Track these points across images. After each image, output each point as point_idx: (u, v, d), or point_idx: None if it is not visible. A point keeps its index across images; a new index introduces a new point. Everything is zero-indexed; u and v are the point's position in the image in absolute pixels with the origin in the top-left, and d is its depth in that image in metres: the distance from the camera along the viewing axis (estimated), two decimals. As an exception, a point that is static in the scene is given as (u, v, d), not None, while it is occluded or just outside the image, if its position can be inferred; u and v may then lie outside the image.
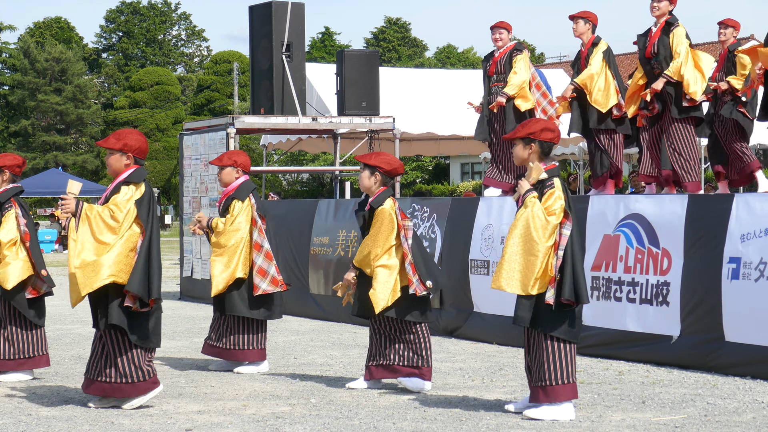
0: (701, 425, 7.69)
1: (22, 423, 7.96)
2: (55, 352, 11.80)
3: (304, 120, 17.88)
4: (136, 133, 8.56)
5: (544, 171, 7.97)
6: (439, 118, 21.45)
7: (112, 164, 8.47)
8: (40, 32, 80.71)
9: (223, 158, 10.53)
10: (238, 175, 10.48)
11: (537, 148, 8.04)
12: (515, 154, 8.17)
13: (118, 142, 8.45)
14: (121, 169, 8.44)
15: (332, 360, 11.21)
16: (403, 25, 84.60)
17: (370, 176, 9.22)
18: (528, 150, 8.06)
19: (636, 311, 10.78)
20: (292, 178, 57.20)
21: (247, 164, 10.53)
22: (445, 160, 55.82)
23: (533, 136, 8.03)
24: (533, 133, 8.03)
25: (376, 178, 9.21)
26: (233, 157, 10.51)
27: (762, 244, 9.66)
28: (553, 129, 8.10)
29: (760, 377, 9.53)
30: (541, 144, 8.04)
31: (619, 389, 9.20)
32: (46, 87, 69.84)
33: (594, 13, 13.25)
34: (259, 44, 18.23)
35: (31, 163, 66.30)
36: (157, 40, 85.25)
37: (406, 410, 8.33)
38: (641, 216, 10.86)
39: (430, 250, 13.19)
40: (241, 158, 10.50)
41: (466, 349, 11.96)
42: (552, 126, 8.13)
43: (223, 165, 10.49)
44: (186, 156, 18.44)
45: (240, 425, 7.83)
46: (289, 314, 15.60)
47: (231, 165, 10.47)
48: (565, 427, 7.64)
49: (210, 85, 72.59)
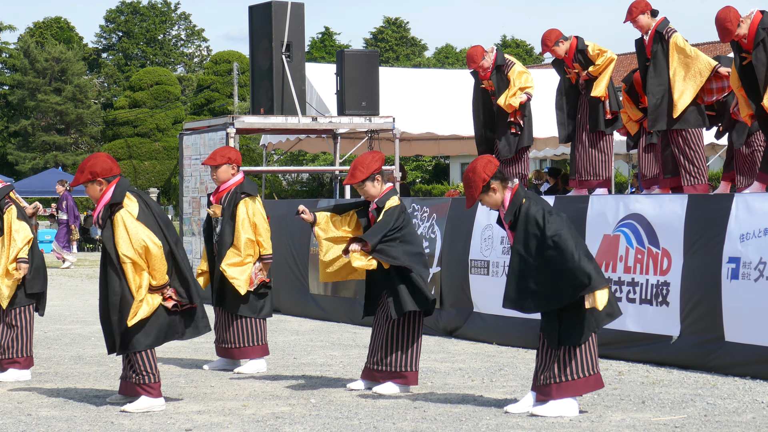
0: (701, 425, 7.69)
1: (22, 423, 7.96)
2: (55, 352, 11.80)
3: (304, 120, 17.88)
4: (94, 157, 8.56)
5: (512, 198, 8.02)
6: (438, 118, 21.43)
7: (92, 194, 8.50)
8: (40, 32, 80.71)
9: (216, 157, 10.49)
10: (234, 172, 10.49)
11: (497, 185, 8.07)
12: (489, 204, 8.18)
13: (83, 174, 8.46)
14: (98, 194, 8.47)
15: (332, 360, 11.21)
16: (402, 24, 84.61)
17: (374, 183, 9.19)
18: (493, 193, 8.09)
19: (636, 311, 10.79)
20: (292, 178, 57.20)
21: (239, 160, 10.57)
22: (445, 160, 55.83)
23: (484, 182, 8.03)
24: (483, 180, 8.02)
25: (379, 180, 9.20)
26: (227, 155, 10.48)
27: (761, 244, 9.66)
28: (488, 160, 8.12)
29: (760, 377, 9.53)
30: (494, 181, 8.06)
31: (619, 389, 9.20)
32: (46, 87, 69.84)
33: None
34: (259, 44, 18.23)
35: (30, 163, 66.38)
36: (157, 40, 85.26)
37: (406, 410, 8.34)
38: (641, 216, 10.87)
39: (430, 250, 13.20)
40: (234, 154, 10.51)
41: (465, 349, 11.97)
42: (484, 159, 8.13)
43: (218, 164, 10.47)
44: (186, 156, 18.44)
45: (240, 425, 7.83)
46: (289, 314, 15.61)
47: (226, 162, 10.48)
48: (565, 427, 7.64)
49: (210, 85, 72.59)
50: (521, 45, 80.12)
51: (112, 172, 8.46)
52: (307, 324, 14.64)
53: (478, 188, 8.06)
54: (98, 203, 8.44)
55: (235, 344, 10.45)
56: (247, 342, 10.46)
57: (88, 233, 41.25)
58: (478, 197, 8.11)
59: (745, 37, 10.96)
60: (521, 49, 79.92)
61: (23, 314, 10.01)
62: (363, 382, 9.30)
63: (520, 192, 8.07)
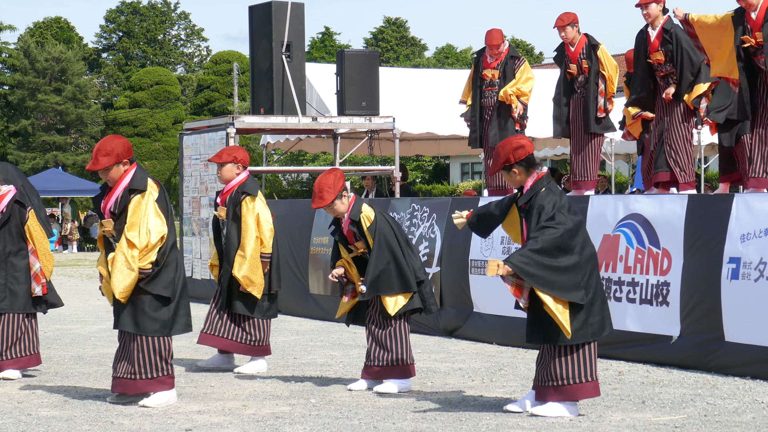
0: (701, 425, 7.69)
1: (22, 423, 7.96)
2: (55, 352, 11.80)
3: (304, 120, 17.88)
4: (112, 140, 8.57)
5: (534, 184, 7.99)
6: (439, 118, 21.41)
7: (114, 177, 8.52)
8: (40, 32, 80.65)
9: (222, 155, 10.52)
10: (239, 171, 10.50)
11: (521, 168, 8.08)
12: (509, 182, 8.24)
13: (109, 157, 8.47)
14: (119, 176, 8.53)
15: (332, 360, 11.21)
16: (402, 24, 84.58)
17: (342, 201, 9.22)
18: (515, 174, 8.11)
19: (636, 311, 10.78)
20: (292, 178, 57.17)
21: (246, 160, 10.57)
22: (445, 160, 55.81)
23: (509, 162, 8.07)
24: (507, 160, 8.08)
25: (345, 196, 9.24)
26: (233, 153, 10.50)
27: (762, 244, 9.66)
28: (522, 145, 8.14)
29: (760, 377, 9.53)
30: (521, 163, 8.08)
31: (619, 389, 9.20)
32: (46, 87, 69.81)
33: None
34: (259, 44, 18.23)
35: (30, 163, 66.34)
36: (157, 40, 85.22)
37: (406, 410, 8.34)
38: (641, 216, 10.86)
39: (430, 250, 13.20)
40: (240, 154, 10.51)
41: (465, 349, 11.96)
42: (520, 143, 8.15)
43: (223, 162, 10.49)
44: (186, 156, 18.45)
45: (240, 425, 7.83)
46: (289, 314, 15.61)
47: (231, 161, 10.48)
48: (565, 427, 7.64)
49: (210, 85, 72.56)
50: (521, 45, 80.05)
51: (132, 153, 8.60)
52: (307, 324, 14.63)
53: (499, 165, 8.14)
54: (117, 186, 8.50)
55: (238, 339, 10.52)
56: (250, 342, 10.48)
57: (88, 233, 41.27)
58: (499, 171, 8.21)
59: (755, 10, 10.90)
60: (521, 49, 79.82)
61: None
62: (364, 382, 9.32)
63: (544, 180, 8.04)
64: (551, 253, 7.79)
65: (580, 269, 7.85)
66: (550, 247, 7.79)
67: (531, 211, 7.97)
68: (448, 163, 55.95)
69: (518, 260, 7.76)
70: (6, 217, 9.83)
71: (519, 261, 7.75)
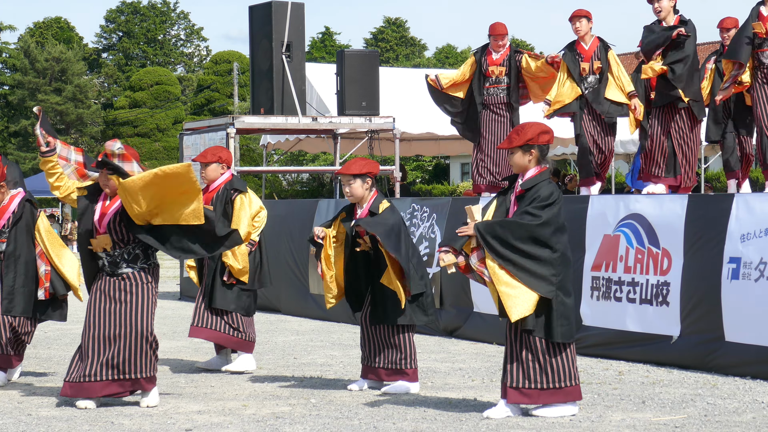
0: (701, 425, 7.69)
1: (22, 423, 7.96)
2: (55, 352, 11.81)
3: (304, 120, 17.88)
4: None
5: (538, 174, 7.95)
6: (439, 118, 21.29)
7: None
8: (40, 32, 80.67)
9: (207, 155, 10.56)
10: (223, 171, 10.55)
11: (537, 153, 8.00)
12: (515, 163, 8.03)
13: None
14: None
15: (332, 360, 11.21)
16: (402, 24, 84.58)
17: (363, 184, 9.20)
18: (528, 156, 7.99)
19: (636, 311, 10.78)
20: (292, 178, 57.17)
21: (230, 160, 10.70)
22: (445, 160, 55.80)
23: (532, 141, 7.95)
24: (531, 139, 7.95)
25: (368, 183, 9.21)
26: (218, 154, 10.56)
27: (762, 244, 9.66)
28: (548, 131, 8.05)
29: (760, 377, 9.53)
30: (540, 148, 8.01)
31: (619, 389, 9.20)
32: (46, 87, 69.84)
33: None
34: (259, 44, 18.24)
35: (31, 163, 66.34)
36: (158, 39, 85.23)
37: (406, 410, 8.34)
38: (641, 216, 10.86)
39: (430, 250, 13.20)
40: (225, 154, 10.60)
41: (466, 349, 11.96)
42: (546, 128, 8.07)
43: (208, 162, 10.53)
44: (186, 156, 18.46)
45: (240, 425, 7.83)
46: (289, 314, 15.62)
47: (216, 161, 10.53)
48: (565, 427, 7.64)
49: (210, 85, 72.58)
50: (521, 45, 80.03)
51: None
52: (307, 324, 14.64)
53: (521, 141, 7.93)
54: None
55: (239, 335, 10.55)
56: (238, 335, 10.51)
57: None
58: (513, 148, 7.97)
59: None
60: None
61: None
62: (365, 382, 9.31)
63: (546, 174, 7.99)
64: (520, 235, 7.74)
65: (551, 265, 7.77)
66: (522, 232, 7.75)
67: (525, 196, 7.93)
68: (448, 163, 55.95)
69: (482, 226, 7.83)
70: (18, 216, 9.79)
71: (483, 227, 7.85)
